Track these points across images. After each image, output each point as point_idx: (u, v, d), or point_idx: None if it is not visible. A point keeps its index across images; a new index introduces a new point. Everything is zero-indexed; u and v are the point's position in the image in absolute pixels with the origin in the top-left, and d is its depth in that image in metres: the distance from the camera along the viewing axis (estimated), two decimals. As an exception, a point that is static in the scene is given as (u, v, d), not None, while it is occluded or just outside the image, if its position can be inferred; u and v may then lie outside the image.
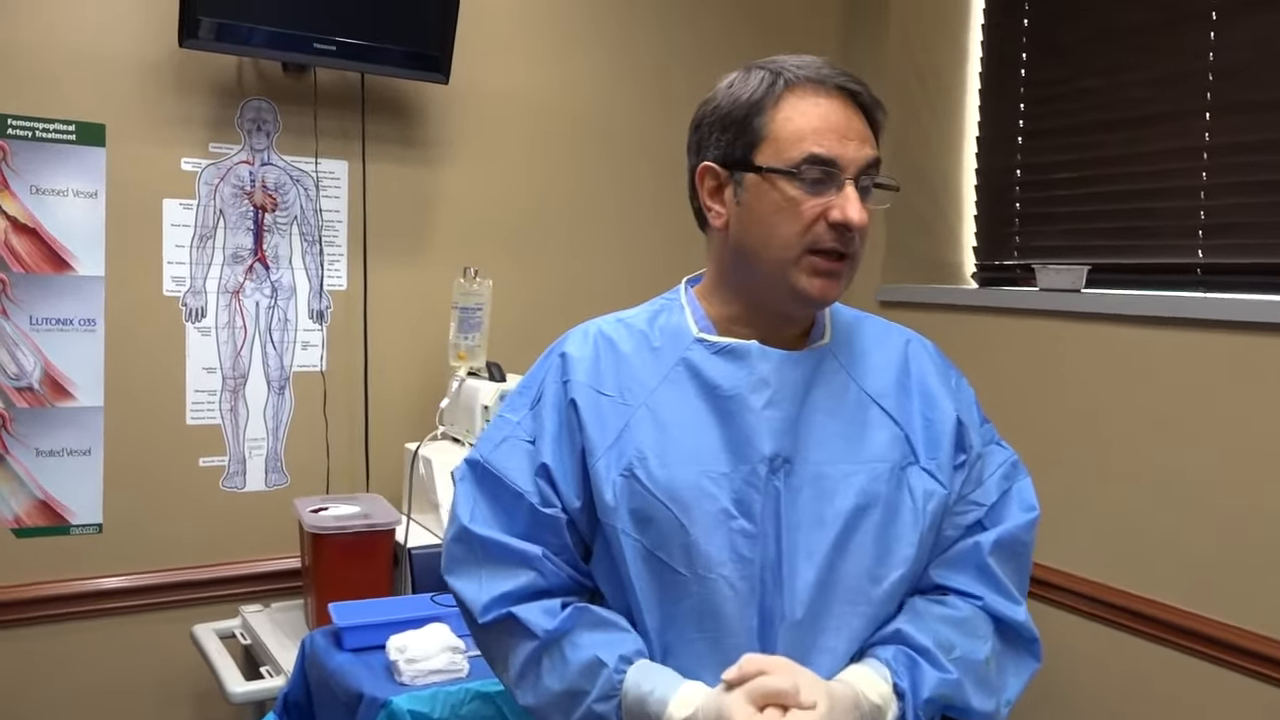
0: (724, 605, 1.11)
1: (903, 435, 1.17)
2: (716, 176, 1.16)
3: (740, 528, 1.11)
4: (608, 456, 1.13)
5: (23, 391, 2.12)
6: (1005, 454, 1.25)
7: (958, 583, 1.18)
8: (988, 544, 1.17)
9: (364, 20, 2.21)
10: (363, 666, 1.67)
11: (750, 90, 1.13)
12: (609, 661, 1.10)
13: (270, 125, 2.31)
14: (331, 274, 2.39)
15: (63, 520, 2.17)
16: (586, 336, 1.21)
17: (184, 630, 2.21)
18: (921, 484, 1.15)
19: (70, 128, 2.13)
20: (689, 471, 1.12)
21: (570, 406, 1.16)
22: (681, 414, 1.14)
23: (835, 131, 1.10)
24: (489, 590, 1.16)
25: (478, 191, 2.54)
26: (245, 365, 2.32)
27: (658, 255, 2.71)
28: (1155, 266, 2.35)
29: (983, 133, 2.79)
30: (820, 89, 1.11)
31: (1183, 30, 2.26)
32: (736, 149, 1.13)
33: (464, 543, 1.19)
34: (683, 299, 1.23)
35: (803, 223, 1.10)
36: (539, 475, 1.16)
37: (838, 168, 1.10)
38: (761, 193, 1.12)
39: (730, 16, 2.80)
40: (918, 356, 1.24)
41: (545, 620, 1.13)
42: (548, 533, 1.16)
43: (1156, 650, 2.13)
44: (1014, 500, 1.22)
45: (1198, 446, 2.07)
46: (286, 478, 2.37)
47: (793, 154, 1.10)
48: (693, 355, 1.17)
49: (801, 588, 1.11)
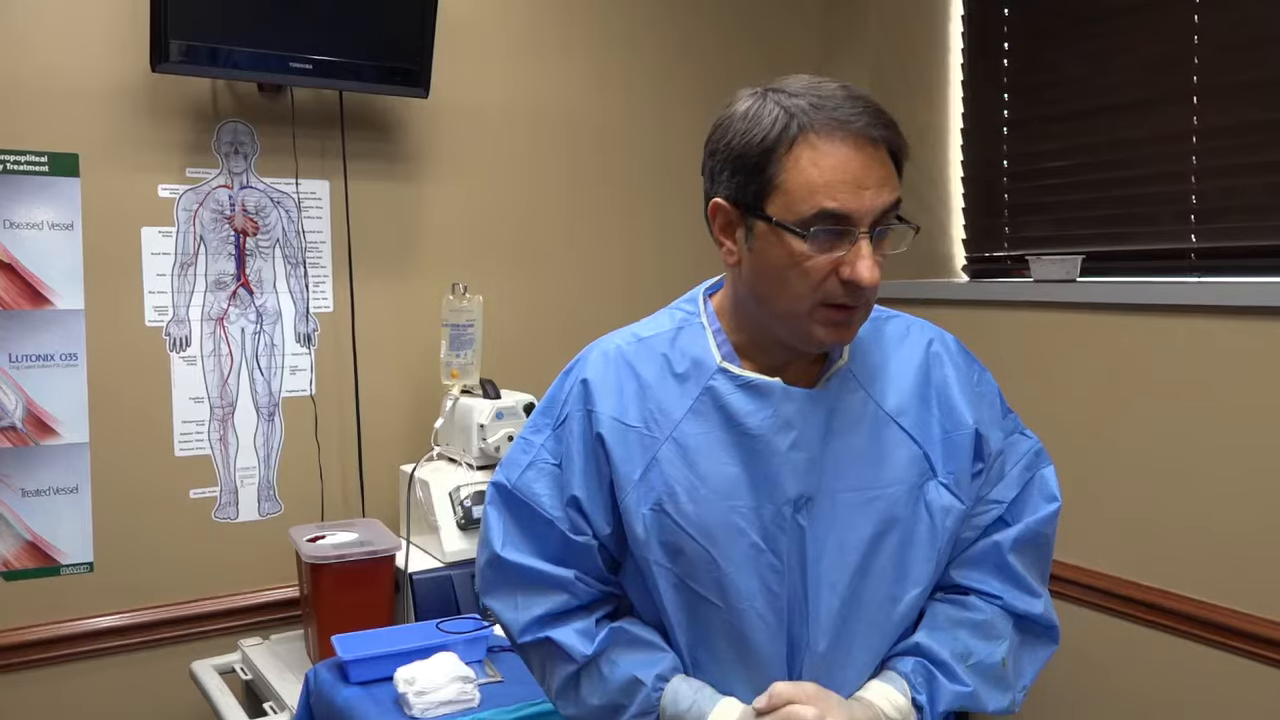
0: (754, 634, 1.13)
1: (921, 453, 1.17)
2: (728, 215, 1.11)
3: (769, 563, 1.13)
4: (637, 491, 1.14)
5: (5, 431, 2.07)
6: (1029, 443, 1.25)
7: (977, 582, 1.20)
8: (1007, 542, 1.19)
9: (340, 38, 2.16)
10: (371, 700, 1.63)
11: (763, 132, 1.05)
12: (646, 680, 1.14)
13: (248, 147, 2.27)
14: (317, 296, 2.35)
15: (52, 561, 2.12)
16: (607, 360, 1.19)
17: (182, 667, 2.17)
18: (939, 499, 1.16)
19: (43, 159, 2.08)
20: (718, 508, 1.12)
21: (597, 441, 1.16)
22: (708, 449, 1.13)
23: (850, 182, 1.03)
24: (525, 613, 1.19)
25: (462, 205, 2.50)
26: (233, 393, 2.27)
27: (649, 262, 2.69)
28: (1149, 253, 2.34)
29: (967, 124, 2.78)
30: (836, 134, 1.03)
31: (1166, 12, 2.25)
32: (748, 194, 1.07)
33: (497, 569, 1.21)
34: (702, 316, 1.20)
35: (813, 280, 1.06)
36: (569, 506, 1.17)
37: (850, 223, 1.04)
38: (771, 244, 1.07)
39: (708, 14, 2.78)
40: (939, 362, 1.21)
41: (583, 645, 1.16)
42: (580, 558, 1.18)
43: (1164, 639, 2.12)
44: (1036, 491, 1.22)
45: (1198, 434, 2.06)
46: (280, 506, 2.33)
47: (803, 209, 1.03)
48: (716, 385, 1.15)
49: (825, 616, 1.14)
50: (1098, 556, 2.26)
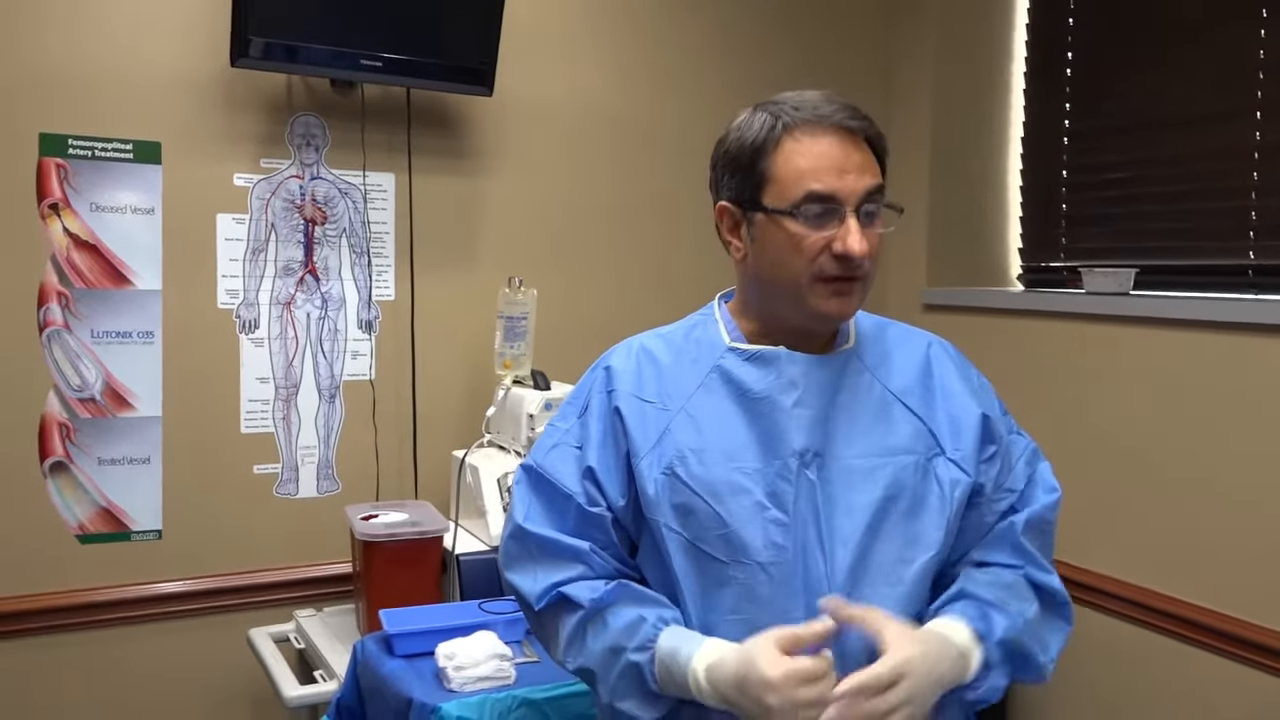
0: (761, 590, 1.20)
1: (926, 430, 1.26)
2: (732, 215, 1.25)
3: (773, 518, 1.20)
4: (650, 457, 1.23)
5: (85, 402, 2.19)
6: (1025, 442, 1.34)
7: (997, 557, 1.28)
8: (1020, 523, 1.27)
9: (410, 37, 2.25)
10: (413, 673, 1.70)
11: (754, 134, 1.21)
12: (649, 618, 1.21)
13: (319, 140, 2.36)
14: (379, 284, 2.44)
15: (124, 527, 2.24)
16: (630, 351, 1.32)
17: (240, 633, 2.27)
18: (948, 473, 1.24)
19: (128, 146, 2.19)
20: (724, 468, 1.21)
21: (615, 414, 1.26)
22: (717, 416, 1.24)
23: (833, 167, 1.17)
24: (543, 581, 1.27)
25: (522, 201, 2.57)
26: (297, 375, 2.37)
27: (698, 262, 2.70)
28: (1205, 268, 2.31)
29: (1027, 133, 2.77)
30: (817, 128, 1.18)
31: (1230, 28, 2.23)
32: (745, 190, 1.22)
33: (519, 540, 1.30)
34: (716, 314, 1.33)
35: (807, 256, 1.18)
36: (585, 477, 1.26)
37: (837, 202, 1.17)
38: (770, 231, 1.20)
39: (768, 21, 2.80)
40: (939, 359, 1.33)
41: (590, 593, 1.24)
42: (594, 529, 1.26)
43: (1201, 655, 2.11)
44: (1038, 484, 1.31)
45: (1249, 453, 2.04)
46: (338, 484, 2.42)
47: (793, 193, 1.17)
48: (725, 363, 1.27)
49: (839, 570, 1.20)
50: (1141, 571, 2.25)
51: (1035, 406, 2.33)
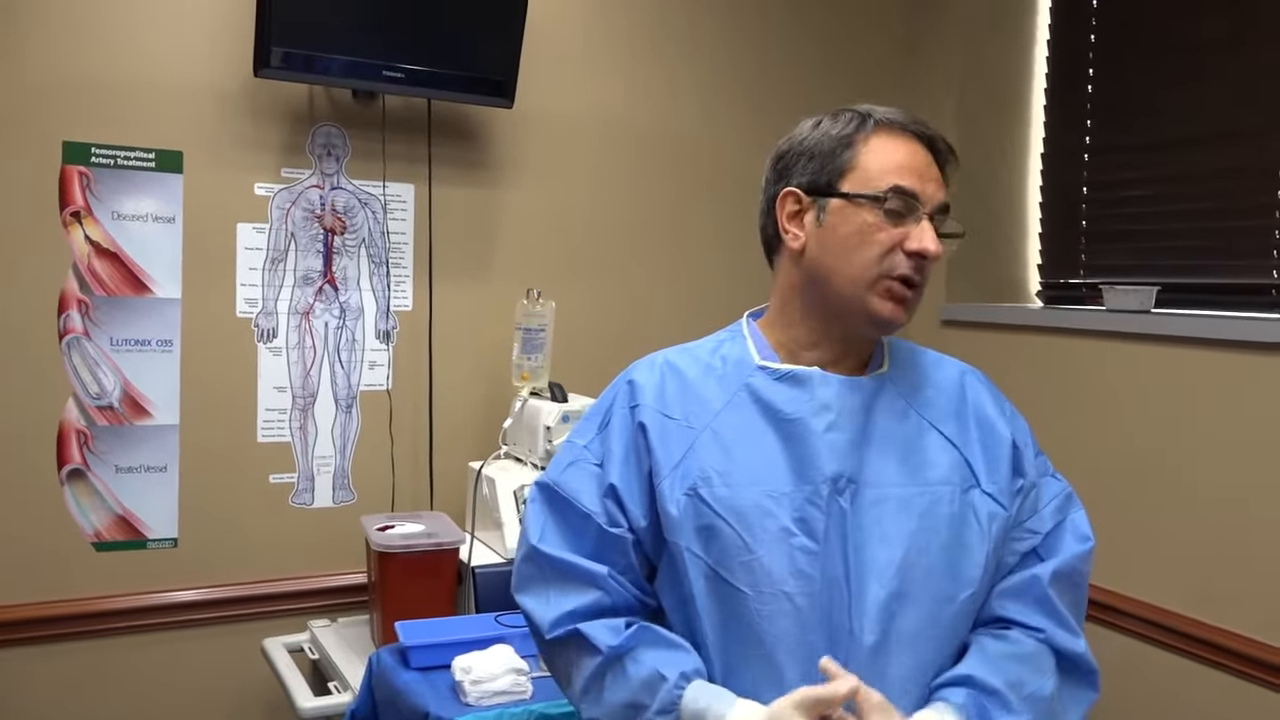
0: (786, 623, 1.13)
1: (963, 460, 1.21)
2: (799, 201, 1.22)
3: (801, 545, 1.14)
4: (673, 476, 1.18)
5: (103, 410, 2.19)
6: (1059, 486, 1.28)
7: (1019, 614, 1.20)
8: (1046, 575, 1.20)
9: (432, 49, 2.25)
10: (428, 686, 1.70)
11: (840, 127, 1.21)
12: (669, 677, 1.13)
13: (340, 150, 2.37)
14: (398, 295, 2.44)
15: (140, 535, 2.24)
16: (654, 366, 1.27)
17: (254, 643, 2.27)
18: (986, 506, 1.19)
19: (150, 155, 2.20)
20: (751, 491, 1.16)
21: (639, 430, 1.21)
22: (744, 436, 1.19)
23: (917, 171, 1.18)
24: (556, 608, 1.20)
25: (541, 213, 2.57)
26: (314, 385, 2.37)
27: (721, 275, 2.72)
28: (1228, 287, 2.30)
29: (1048, 149, 2.76)
30: (904, 133, 1.20)
31: (1254, 45, 2.22)
32: (823, 176, 1.20)
33: (533, 562, 1.24)
34: (745, 331, 1.29)
35: (881, 249, 1.17)
36: (606, 496, 1.21)
37: (919, 201, 1.17)
38: (845, 217, 1.18)
39: (791, 34, 2.81)
40: (973, 387, 1.29)
41: (609, 637, 1.17)
42: (614, 552, 1.21)
43: (1228, 681, 2.08)
44: (1068, 531, 1.24)
45: (1272, 474, 2.02)
46: (353, 495, 2.42)
47: (879, 184, 1.17)
48: (755, 381, 1.22)
49: (871, 605, 1.14)
50: (1162, 593, 2.22)
51: (1054, 424, 2.31)
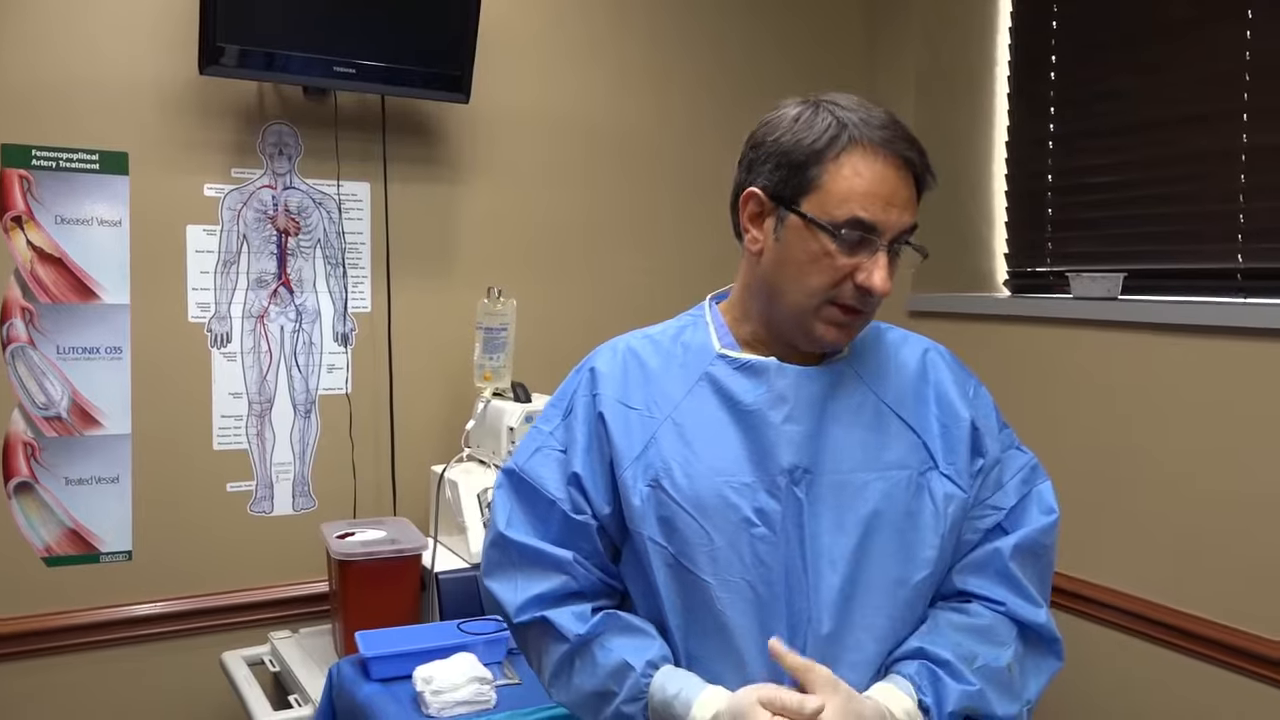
0: (748, 611, 1.16)
1: (921, 443, 1.22)
2: (760, 204, 1.19)
3: (760, 535, 1.16)
4: (634, 467, 1.19)
5: (51, 420, 2.13)
6: (1025, 458, 1.28)
7: (980, 588, 1.22)
8: (1008, 548, 1.21)
9: (384, 43, 2.20)
10: (390, 698, 1.65)
11: (814, 136, 1.15)
12: (636, 666, 1.16)
13: (292, 149, 2.31)
14: (355, 296, 2.39)
15: (92, 548, 2.18)
16: (615, 353, 1.27)
17: (214, 656, 2.21)
18: (942, 488, 1.20)
19: (94, 157, 2.14)
20: (712, 482, 1.17)
21: (599, 420, 1.22)
22: (705, 427, 1.20)
23: (883, 198, 1.14)
24: (523, 592, 1.22)
25: (500, 210, 2.52)
26: (271, 389, 2.32)
27: (681, 269, 2.69)
28: (1193, 272, 2.29)
29: (1012, 137, 2.74)
30: (880, 151, 1.14)
31: (1218, 30, 2.20)
32: (787, 188, 1.16)
33: (500, 547, 1.25)
34: (707, 315, 1.29)
35: (831, 278, 1.15)
36: (570, 484, 1.22)
37: (876, 233, 1.14)
38: (800, 238, 1.16)
39: (749, 23, 2.77)
40: (935, 365, 1.28)
41: (576, 625, 1.19)
42: (579, 538, 1.22)
43: (1191, 663, 2.08)
44: (1034, 503, 1.25)
45: (1239, 458, 2.01)
46: (314, 501, 2.37)
47: (838, 213, 1.13)
48: (715, 370, 1.22)
49: (826, 592, 1.15)
50: (1130, 579, 2.22)
51: (1023, 412, 2.28)
